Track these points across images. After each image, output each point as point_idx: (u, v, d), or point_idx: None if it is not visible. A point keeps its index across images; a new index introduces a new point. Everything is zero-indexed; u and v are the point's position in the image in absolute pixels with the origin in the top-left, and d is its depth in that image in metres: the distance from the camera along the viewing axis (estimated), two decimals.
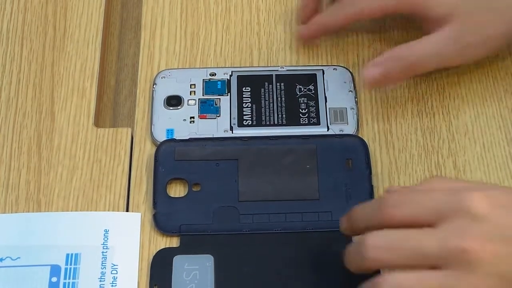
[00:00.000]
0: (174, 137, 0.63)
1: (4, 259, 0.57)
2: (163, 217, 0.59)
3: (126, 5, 0.75)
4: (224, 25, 0.72)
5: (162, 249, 0.58)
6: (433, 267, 0.49)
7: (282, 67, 0.68)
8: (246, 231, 0.58)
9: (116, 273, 0.56)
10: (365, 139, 0.63)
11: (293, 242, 0.58)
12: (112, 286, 0.56)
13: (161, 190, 0.60)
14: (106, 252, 0.57)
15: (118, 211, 0.60)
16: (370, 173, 0.61)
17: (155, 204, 0.60)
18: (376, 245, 0.50)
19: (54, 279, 0.55)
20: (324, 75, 0.68)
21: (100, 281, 0.56)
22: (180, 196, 0.60)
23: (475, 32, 0.64)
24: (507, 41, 0.65)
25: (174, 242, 0.59)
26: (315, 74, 0.68)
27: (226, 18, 0.72)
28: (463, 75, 0.68)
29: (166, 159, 0.62)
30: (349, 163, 0.62)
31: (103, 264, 0.57)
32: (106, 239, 0.58)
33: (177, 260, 0.57)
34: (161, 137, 0.63)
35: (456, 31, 0.63)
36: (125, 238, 0.58)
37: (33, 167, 0.62)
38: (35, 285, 0.55)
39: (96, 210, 0.60)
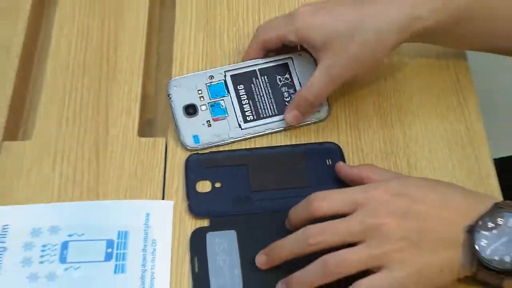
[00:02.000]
0: (200, 142, 0.64)
1: (72, 235, 0.58)
2: (195, 206, 0.61)
3: (162, 43, 0.75)
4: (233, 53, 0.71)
5: (197, 228, 0.60)
6: (358, 242, 0.52)
7: (261, 59, 0.67)
8: (258, 211, 0.60)
9: (155, 246, 0.58)
10: (341, 145, 0.64)
11: None
12: (152, 255, 0.58)
13: (192, 188, 0.62)
14: (147, 230, 0.59)
15: (156, 199, 0.61)
16: None
17: (188, 197, 0.61)
18: (312, 233, 0.53)
19: (109, 250, 0.58)
20: (294, 62, 0.68)
21: (143, 252, 0.58)
22: (206, 191, 0.62)
23: (341, 60, 0.62)
24: (375, 65, 0.65)
25: (202, 223, 0.60)
26: (287, 62, 0.68)
27: (235, 53, 0.71)
28: (415, 95, 0.68)
29: (194, 168, 0.63)
30: (329, 161, 0.64)
31: (145, 239, 0.59)
32: (147, 220, 0.60)
33: (209, 236, 0.59)
34: (190, 142, 0.64)
35: (328, 59, 0.63)
36: (161, 219, 0.60)
37: (93, 168, 0.63)
38: (95, 254, 0.57)
39: (139, 199, 0.61)
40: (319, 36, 0.63)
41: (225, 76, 0.67)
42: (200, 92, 0.66)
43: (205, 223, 0.60)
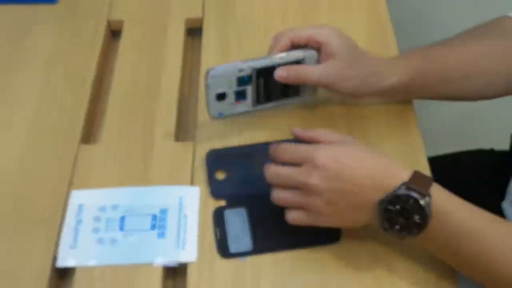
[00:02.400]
0: (223, 116, 0.61)
1: (128, 211, 0.58)
2: (214, 190, 0.60)
3: (191, 69, 0.74)
4: None
5: (217, 207, 0.59)
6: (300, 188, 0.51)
7: (281, 58, 0.61)
8: (262, 193, 0.56)
9: (186, 219, 0.58)
10: None
11: None
12: (184, 226, 0.57)
13: (211, 176, 0.61)
14: (181, 207, 0.59)
15: (187, 185, 0.61)
16: None
17: (209, 184, 0.60)
18: (271, 174, 0.53)
19: (153, 222, 0.58)
20: (306, 60, 0.61)
21: (178, 224, 0.58)
22: (223, 178, 0.61)
23: (347, 68, 0.59)
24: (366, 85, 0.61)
25: (221, 203, 0.59)
26: (299, 60, 0.61)
27: None
28: (371, 115, 0.66)
29: (212, 161, 0.62)
30: None
31: (179, 214, 0.58)
32: (181, 200, 0.59)
33: (226, 213, 0.58)
34: (215, 116, 0.61)
35: (335, 63, 0.59)
36: (191, 200, 0.59)
37: (142, 164, 0.62)
38: (144, 225, 0.57)
39: (175, 185, 0.60)
40: (338, 47, 0.59)
41: (251, 70, 0.61)
42: (230, 82, 0.61)
43: (222, 203, 0.60)
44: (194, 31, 0.78)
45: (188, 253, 0.56)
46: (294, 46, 0.61)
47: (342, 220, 0.52)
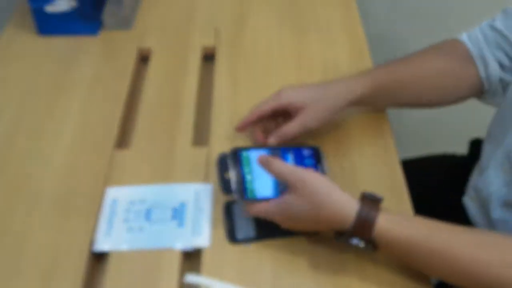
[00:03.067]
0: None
1: (153, 204, 0.57)
2: (224, 188, 0.55)
3: (206, 88, 0.72)
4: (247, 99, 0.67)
5: (227, 201, 0.57)
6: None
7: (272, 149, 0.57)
8: None
9: (202, 211, 0.57)
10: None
11: None
12: (199, 216, 0.56)
13: (221, 176, 0.55)
14: (197, 202, 0.58)
15: (201, 183, 0.59)
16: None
17: (219, 182, 0.55)
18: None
19: (174, 213, 0.57)
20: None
21: (194, 215, 0.56)
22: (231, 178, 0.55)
23: (312, 117, 0.58)
24: (333, 115, 0.59)
25: (229, 198, 0.56)
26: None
27: (248, 98, 0.66)
28: (349, 123, 0.65)
29: (222, 163, 0.56)
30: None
31: (195, 207, 0.57)
32: (197, 195, 0.58)
33: (234, 207, 0.57)
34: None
35: (304, 113, 0.57)
36: (205, 196, 0.58)
37: (165, 164, 0.61)
38: (166, 216, 0.56)
39: (192, 182, 0.59)
40: (299, 101, 0.58)
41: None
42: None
43: (231, 198, 0.57)
44: (208, 58, 0.77)
45: (202, 240, 0.55)
46: (260, 118, 0.60)
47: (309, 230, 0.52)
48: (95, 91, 0.71)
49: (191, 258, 0.55)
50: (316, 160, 0.57)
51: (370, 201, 0.47)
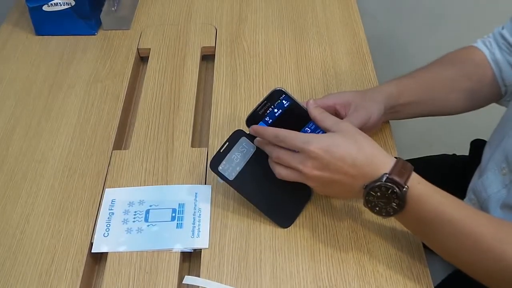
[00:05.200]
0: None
1: (152, 205, 0.57)
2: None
3: (205, 93, 0.73)
4: (246, 99, 0.69)
5: (240, 129, 0.53)
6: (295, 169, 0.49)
7: None
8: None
9: (200, 212, 0.57)
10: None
11: None
12: (198, 218, 0.56)
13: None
14: (196, 202, 0.57)
15: (200, 184, 0.59)
16: None
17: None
18: (275, 157, 0.50)
19: (173, 214, 0.56)
20: None
21: (193, 215, 0.56)
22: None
23: (364, 116, 0.56)
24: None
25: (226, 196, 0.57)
26: None
27: (248, 98, 0.69)
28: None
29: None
30: None
31: (194, 208, 0.57)
32: (196, 196, 0.58)
33: (243, 139, 0.53)
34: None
35: (355, 113, 0.56)
36: (204, 196, 0.58)
37: (164, 166, 0.61)
38: (165, 217, 0.56)
39: (191, 184, 0.59)
40: (345, 100, 0.58)
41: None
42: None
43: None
44: (208, 57, 0.77)
45: (201, 241, 0.54)
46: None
47: (333, 195, 0.52)
48: (93, 92, 0.71)
49: (191, 259, 0.55)
50: None
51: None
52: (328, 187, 0.49)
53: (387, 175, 0.46)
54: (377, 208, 0.48)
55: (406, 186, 0.46)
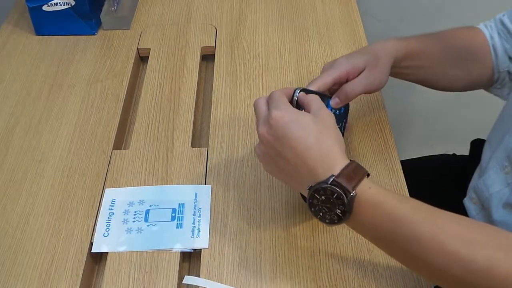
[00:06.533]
0: None
1: (152, 205, 0.57)
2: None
3: (205, 93, 0.73)
4: (246, 98, 0.69)
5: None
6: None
7: None
8: None
9: (200, 212, 0.57)
10: None
11: None
12: (198, 218, 0.56)
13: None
14: (196, 202, 0.57)
15: (200, 184, 0.59)
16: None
17: None
18: (255, 102, 0.48)
19: (173, 214, 0.56)
20: None
21: (193, 215, 0.56)
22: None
23: (376, 76, 0.53)
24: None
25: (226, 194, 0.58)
26: None
27: (247, 98, 0.69)
28: (352, 126, 0.64)
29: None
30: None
31: (194, 208, 0.57)
32: (196, 196, 0.58)
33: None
34: None
35: (364, 74, 0.53)
36: (204, 196, 0.58)
37: (164, 165, 0.61)
38: (165, 217, 0.56)
39: (191, 184, 0.59)
40: (361, 63, 0.54)
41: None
42: None
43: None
44: (208, 57, 0.77)
45: (201, 241, 0.54)
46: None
47: (278, 175, 0.46)
48: (93, 92, 0.70)
49: (190, 259, 0.55)
50: (345, 116, 0.55)
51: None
52: (273, 163, 0.45)
53: (334, 177, 0.41)
54: (321, 214, 0.43)
55: (353, 192, 0.41)
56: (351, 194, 0.41)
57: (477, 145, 0.69)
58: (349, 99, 0.53)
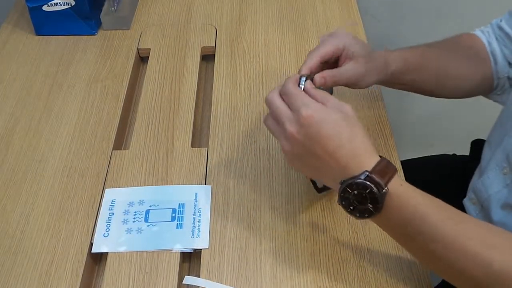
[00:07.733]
0: None
1: (152, 206, 0.57)
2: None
3: (205, 93, 0.73)
4: (246, 98, 0.69)
5: None
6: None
7: None
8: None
9: (200, 212, 0.57)
10: None
11: None
12: (198, 218, 0.56)
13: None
14: (196, 202, 0.57)
15: (200, 184, 0.59)
16: None
17: None
18: (269, 98, 0.46)
19: (173, 215, 0.56)
20: None
21: (193, 215, 0.56)
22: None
23: (366, 65, 0.53)
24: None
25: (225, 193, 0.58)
26: None
27: (248, 98, 0.69)
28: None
29: None
30: None
31: (194, 208, 0.57)
32: (196, 196, 0.58)
33: None
34: None
35: (358, 63, 0.53)
36: (204, 196, 0.58)
37: (164, 166, 0.61)
38: (165, 217, 0.56)
39: (191, 184, 0.59)
40: (356, 50, 0.53)
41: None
42: None
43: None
44: (208, 57, 0.77)
45: (201, 241, 0.54)
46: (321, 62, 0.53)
47: (305, 171, 0.46)
48: (93, 92, 0.70)
49: (190, 259, 0.55)
50: None
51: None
52: (301, 160, 0.44)
53: (368, 173, 0.42)
54: (351, 208, 0.43)
55: (386, 188, 0.41)
56: (384, 190, 0.41)
57: (477, 146, 0.69)
58: (336, 82, 0.52)
